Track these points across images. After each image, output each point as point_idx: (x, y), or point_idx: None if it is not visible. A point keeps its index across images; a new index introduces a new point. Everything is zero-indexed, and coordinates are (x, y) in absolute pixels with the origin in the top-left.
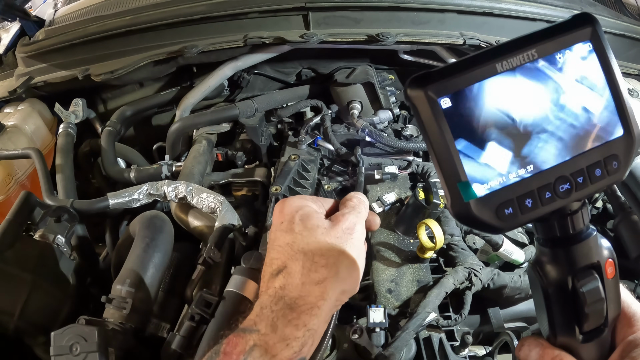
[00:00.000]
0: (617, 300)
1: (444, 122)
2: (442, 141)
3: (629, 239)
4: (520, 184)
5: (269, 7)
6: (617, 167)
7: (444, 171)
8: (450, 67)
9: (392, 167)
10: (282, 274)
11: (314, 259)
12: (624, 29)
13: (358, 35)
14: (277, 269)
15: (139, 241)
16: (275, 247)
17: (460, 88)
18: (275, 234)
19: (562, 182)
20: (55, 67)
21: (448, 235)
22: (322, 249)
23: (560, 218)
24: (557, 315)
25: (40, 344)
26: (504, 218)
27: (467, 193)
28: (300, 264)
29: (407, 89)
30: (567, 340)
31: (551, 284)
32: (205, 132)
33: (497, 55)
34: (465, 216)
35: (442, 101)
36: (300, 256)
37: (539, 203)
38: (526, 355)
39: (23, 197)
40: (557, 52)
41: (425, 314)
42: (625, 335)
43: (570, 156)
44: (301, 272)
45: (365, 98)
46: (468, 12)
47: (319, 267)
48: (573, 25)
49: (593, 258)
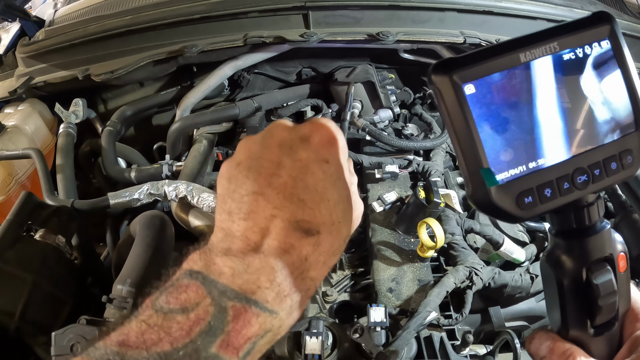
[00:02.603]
0: (627, 294)
1: (467, 108)
2: (465, 127)
3: (629, 237)
4: (540, 173)
5: (268, 6)
6: (631, 161)
7: (466, 157)
8: (474, 54)
9: (392, 166)
10: (313, 239)
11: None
12: (625, 27)
13: (358, 34)
14: (306, 226)
15: (139, 241)
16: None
17: (485, 75)
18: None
19: (580, 173)
20: (55, 67)
21: (449, 234)
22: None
23: (577, 209)
24: (570, 307)
25: (41, 344)
26: (524, 207)
27: (489, 179)
28: (330, 238)
29: (432, 74)
30: (579, 334)
31: (566, 275)
32: (205, 132)
33: (521, 45)
34: (485, 203)
35: (466, 87)
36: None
37: (557, 193)
38: (537, 348)
39: (23, 197)
40: (578, 47)
41: (426, 313)
42: (633, 330)
43: (588, 148)
44: (328, 250)
45: (366, 97)
46: (468, 11)
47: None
48: (592, 23)
49: (606, 251)
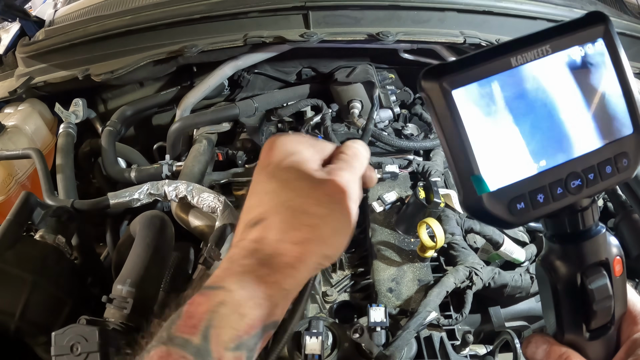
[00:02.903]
0: (623, 298)
1: (457, 114)
2: (456, 134)
3: (629, 237)
4: (532, 179)
5: (268, 6)
6: (627, 164)
7: (457, 164)
8: (465, 59)
9: (392, 166)
10: (259, 226)
11: (298, 216)
12: (624, 27)
13: (358, 34)
14: (255, 219)
15: (139, 241)
16: (256, 193)
17: (475, 80)
18: (258, 176)
19: (574, 178)
20: (56, 67)
21: (449, 234)
22: (309, 206)
23: (571, 214)
24: (565, 312)
25: (41, 344)
26: (516, 213)
27: (480, 186)
28: (280, 218)
29: (422, 80)
30: (574, 337)
31: (560, 280)
32: (205, 132)
33: (512, 49)
34: (477, 210)
35: (455, 93)
36: (282, 209)
37: (550, 198)
38: (533, 352)
39: (23, 197)
40: (570, 48)
41: (426, 313)
42: (631, 333)
43: (582, 152)
44: (280, 227)
45: (366, 97)
46: (468, 11)
47: (302, 225)
48: (586, 23)
49: (602, 255)
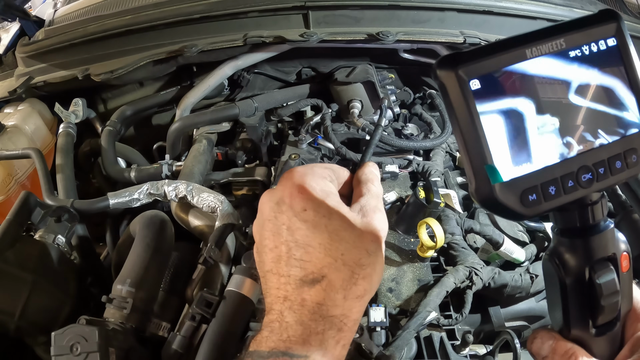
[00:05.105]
0: (630, 294)
1: (473, 104)
2: (471, 123)
3: (630, 237)
4: (545, 171)
5: (268, 6)
6: (635, 160)
7: (471, 153)
8: (481, 49)
9: (392, 166)
10: (320, 285)
11: (355, 271)
12: None
13: (358, 34)
14: (312, 277)
15: (139, 241)
16: (299, 244)
17: (491, 71)
18: (293, 221)
19: (585, 171)
20: (55, 67)
21: (449, 234)
22: (361, 257)
23: (581, 208)
24: (572, 306)
25: (41, 344)
26: (528, 204)
27: (493, 176)
28: (340, 275)
29: (437, 69)
30: (580, 333)
31: (568, 274)
32: (205, 132)
33: (527, 41)
34: (489, 200)
35: (472, 82)
36: (340, 266)
37: (561, 191)
38: (538, 348)
39: (23, 197)
40: (584, 44)
41: (426, 313)
42: (635, 330)
43: (593, 147)
44: (342, 285)
45: (366, 97)
46: (468, 11)
47: (360, 279)
48: (599, 20)
49: (610, 250)
